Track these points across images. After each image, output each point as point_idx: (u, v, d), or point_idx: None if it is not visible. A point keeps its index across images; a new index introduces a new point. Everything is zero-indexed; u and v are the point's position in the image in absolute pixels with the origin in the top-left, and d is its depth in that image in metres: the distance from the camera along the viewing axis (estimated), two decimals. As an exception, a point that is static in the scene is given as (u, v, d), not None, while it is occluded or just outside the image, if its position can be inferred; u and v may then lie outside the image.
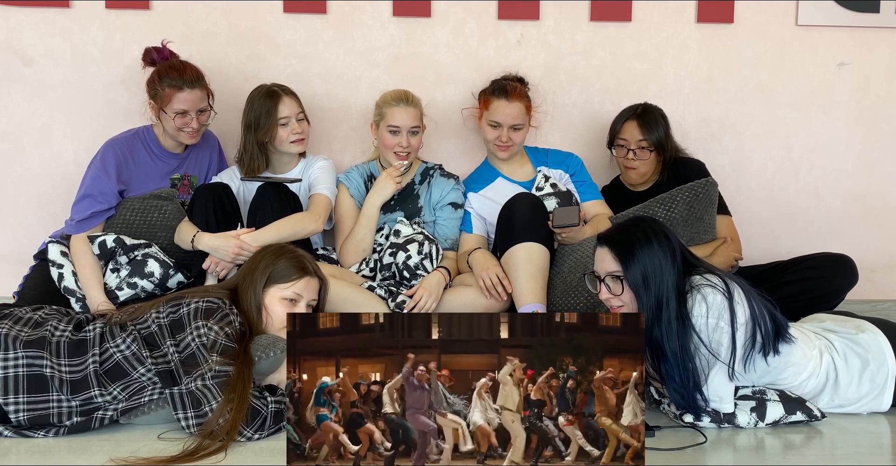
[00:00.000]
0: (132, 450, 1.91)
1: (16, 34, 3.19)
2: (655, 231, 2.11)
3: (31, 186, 3.25)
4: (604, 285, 2.16)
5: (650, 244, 2.08)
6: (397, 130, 2.96)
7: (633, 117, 3.04)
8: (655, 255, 2.07)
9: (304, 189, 3.00)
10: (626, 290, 2.11)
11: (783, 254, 3.06)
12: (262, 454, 1.92)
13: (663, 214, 2.84)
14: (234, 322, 2.11)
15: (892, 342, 2.22)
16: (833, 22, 3.35)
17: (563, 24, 3.31)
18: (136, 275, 2.74)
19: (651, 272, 2.07)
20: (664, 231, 2.13)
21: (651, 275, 2.07)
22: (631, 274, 2.08)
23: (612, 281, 2.14)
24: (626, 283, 2.10)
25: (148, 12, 3.20)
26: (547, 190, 3.00)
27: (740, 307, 2.07)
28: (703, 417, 2.10)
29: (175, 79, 2.82)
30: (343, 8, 3.26)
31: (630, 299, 2.12)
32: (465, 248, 2.97)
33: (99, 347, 2.07)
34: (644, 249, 2.08)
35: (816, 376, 2.19)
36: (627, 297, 2.12)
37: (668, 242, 2.10)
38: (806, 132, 3.43)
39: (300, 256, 2.30)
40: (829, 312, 2.54)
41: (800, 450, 2.00)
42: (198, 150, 3.07)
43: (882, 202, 3.47)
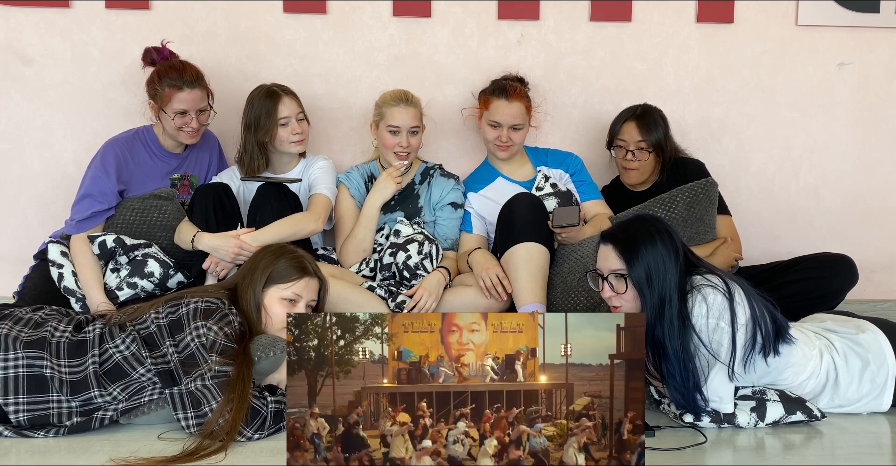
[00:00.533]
0: (132, 450, 1.91)
1: (16, 34, 3.19)
2: (659, 229, 2.11)
3: (31, 186, 3.25)
4: (606, 283, 2.16)
5: (654, 242, 2.08)
6: (397, 130, 2.96)
7: (633, 118, 3.04)
8: (659, 253, 2.07)
9: (304, 189, 3.00)
10: (629, 289, 2.11)
11: (783, 254, 3.06)
12: (262, 454, 1.92)
13: (663, 214, 2.84)
14: (234, 322, 2.11)
15: (892, 342, 2.22)
16: (833, 22, 3.35)
17: (563, 24, 3.31)
18: (136, 275, 2.74)
19: (655, 270, 2.07)
20: (667, 229, 2.13)
21: (655, 274, 2.07)
22: (635, 272, 2.08)
23: (615, 279, 2.13)
24: (630, 281, 2.10)
25: (148, 12, 3.20)
26: (547, 190, 3.01)
27: (741, 307, 2.07)
28: (703, 417, 2.10)
29: (175, 79, 2.83)
30: (343, 8, 3.26)
31: (632, 298, 2.12)
32: (465, 248, 2.97)
33: (98, 348, 2.07)
34: (648, 247, 2.08)
35: (816, 376, 2.19)
36: (630, 296, 2.12)
37: (672, 241, 2.10)
38: (806, 132, 3.43)
39: (300, 256, 2.30)
40: (829, 312, 2.54)
41: (800, 450, 2.00)
42: (198, 150, 3.07)
43: (882, 202, 3.47)
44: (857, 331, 2.24)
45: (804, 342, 2.19)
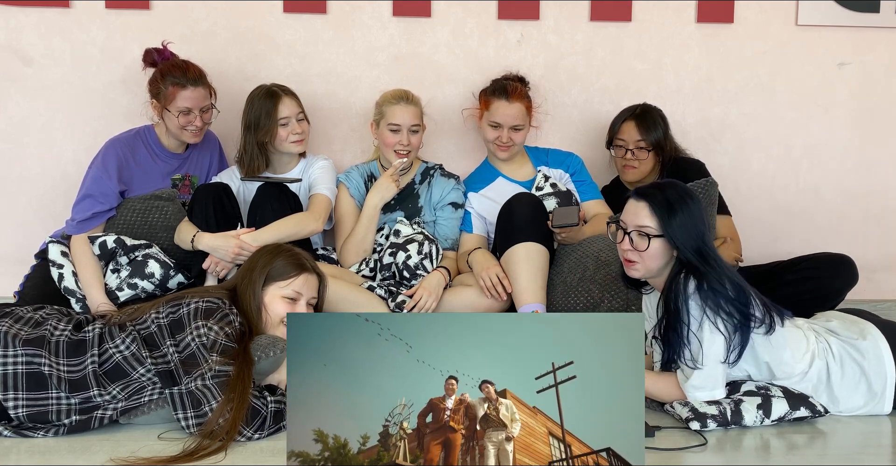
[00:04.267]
0: (132, 450, 1.91)
1: (16, 34, 3.19)
2: (693, 197, 2.17)
3: (31, 186, 3.25)
4: (628, 237, 2.18)
5: (688, 207, 2.13)
6: (398, 129, 2.96)
7: (632, 117, 3.04)
8: (690, 219, 2.12)
9: (304, 189, 3.00)
10: (650, 248, 2.13)
11: (783, 254, 3.06)
12: (262, 454, 1.92)
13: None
14: (234, 322, 2.11)
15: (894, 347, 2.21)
16: (833, 22, 3.35)
17: (563, 24, 3.31)
18: (136, 276, 2.74)
19: (683, 233, 2.12)
20: (699, 200, 2.19)
21: (683, 236, 2.11)
22: (671, 230, 2.12)
23: (639, 236, 2.16)
24: (654, 240, 2.13)
25: (148, 12, 3.20)
26: (547, 189, 3.01)
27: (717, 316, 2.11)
28: (709, 423, 2.09)
29: (178, 77, 2.83)
30: (343, 8, 3.26)
31: (649, 256, 2.15)
32: (465, 248, 2.97)
33: (98, 348, 2.07)
34: (683, 211, 2.12)
35: (808, 380, 2.20)
36: (648, 254, 2.15)
37: (701, 211, 2.16)
38: (806, 132, 3.43)
39: (297, 254, 2.31)
40: (845, 311, 2.51)
41: (801, 450, 2.00)
42: (199, 150, 3.07)
43: (882, 202, 3.47)
44: (859, 337, 2.23)
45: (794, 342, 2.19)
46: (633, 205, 2.20)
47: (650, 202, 2.15)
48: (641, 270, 2.20)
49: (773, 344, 2.16)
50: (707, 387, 2.13)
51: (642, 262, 2.18)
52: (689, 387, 2.14)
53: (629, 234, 2.18)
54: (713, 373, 2.12)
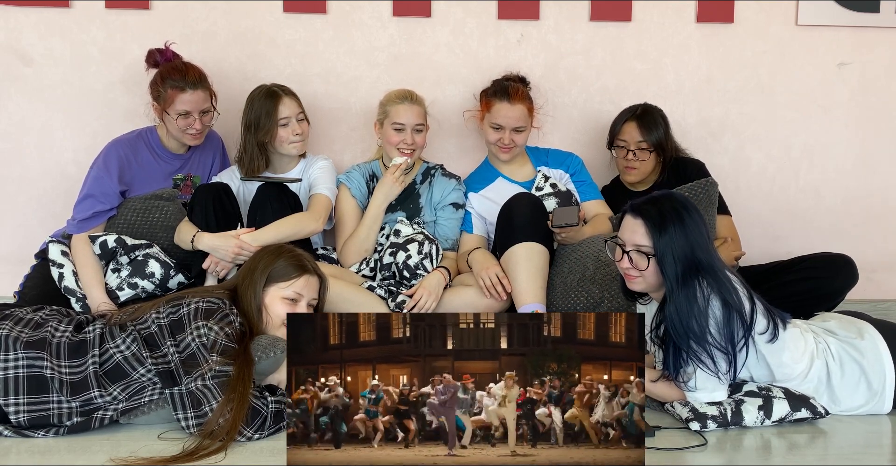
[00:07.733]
0: (132, 450, 1.92)
1: (16, 34, 3.19)
2: (689, 209, 2.12)
3: (31, 186, 3.25)
4: (627, 256, 2.16)
5: (683, 222, 2.09)
6: (402, 128, 2.96)
7: (633, 118, 3.03)
8: (686, 233, 2.08)
9: (304, 189, 3.00)
10: (650, 266, 2.12)
11: (783, 254, 3.06)
12: (262, 454, 1.92)
13: (663, 214, 2.84)
14: (235, 322, 2.11)
15: (892, 346, 2.21)
16: (833, 22, 3.35)
17: (563, 24, 3.31)
18: (136, 276, 2.74)
19: (679, 249, 2.08)
20: (696, 210, 2.14)
21: (678, 253, 2.08)
22: (660, 249, 2.08)
23: (638, 255, 2.14)
24: (653, 259, 2.10)
25: (148, 12, 3.20)
26: (547, 190, 3.00)
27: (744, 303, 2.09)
28: (709, 423, 2.09)
29: (178, 81, 2.83)
30: (343, 8, 3.26)
31: (650, 274, 2.13)
32: (465, 248, 2.97)
33: (99, 348, 2.07)
34: (677, 226, 2.08)
35: (809, 381, 2.20)
36: (648, 272, 2.13)
37: (700, 221, 2.12)
38: (806, 132, 3.43)
39: (298, 255, 2.31)
40: (841, 312, 2.52)
41: (801, 450, 2.00)
42: (201, 151, 3.07)
43: (882, 202, 3.47)
44: (857, 336, 2.24)
45: (794, 342, 2.19)
46: (630, 222, 2.17)
47: (646, 219, 2.12)
48: (643, 284, 2.18)
49: (773, 346, 2.15)
50: (707, 388, 2.13)
51: (644, 278, 2.16)
52: (690, 388, 2.14)
53: (628, 253, 2.17)
54: (714, 375, 2.12)
